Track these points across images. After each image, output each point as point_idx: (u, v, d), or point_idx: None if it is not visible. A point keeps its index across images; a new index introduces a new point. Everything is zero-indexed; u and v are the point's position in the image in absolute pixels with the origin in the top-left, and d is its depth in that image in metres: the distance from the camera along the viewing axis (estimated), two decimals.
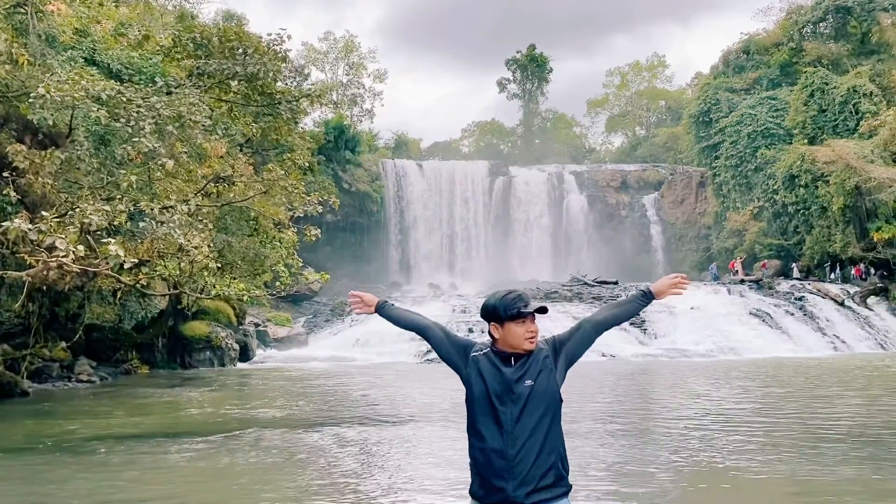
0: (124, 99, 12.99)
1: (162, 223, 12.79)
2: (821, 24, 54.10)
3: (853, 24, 51.61)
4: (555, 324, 28.17)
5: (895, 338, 33.58)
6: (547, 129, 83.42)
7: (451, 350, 3.43)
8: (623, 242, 57.22)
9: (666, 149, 68.47)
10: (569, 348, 3.36)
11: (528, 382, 3.20)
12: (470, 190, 58.34)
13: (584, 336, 3.41)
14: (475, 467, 3.26)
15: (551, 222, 58.66)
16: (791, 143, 46.35)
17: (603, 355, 28.47)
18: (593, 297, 37.58)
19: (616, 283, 42.54)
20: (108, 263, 13.35)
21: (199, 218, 14.96)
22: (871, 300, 37.94)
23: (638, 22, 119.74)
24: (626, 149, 78.69)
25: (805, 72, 47.33)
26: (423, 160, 66.60)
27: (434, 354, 3.80)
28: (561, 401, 3.29)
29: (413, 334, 3.69)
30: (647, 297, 3.52)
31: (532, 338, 3.26)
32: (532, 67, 77.12)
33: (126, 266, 12.65)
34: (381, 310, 3.69)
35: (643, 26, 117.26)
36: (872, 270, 41.10)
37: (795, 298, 36.74)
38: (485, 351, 3.32)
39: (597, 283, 42.63)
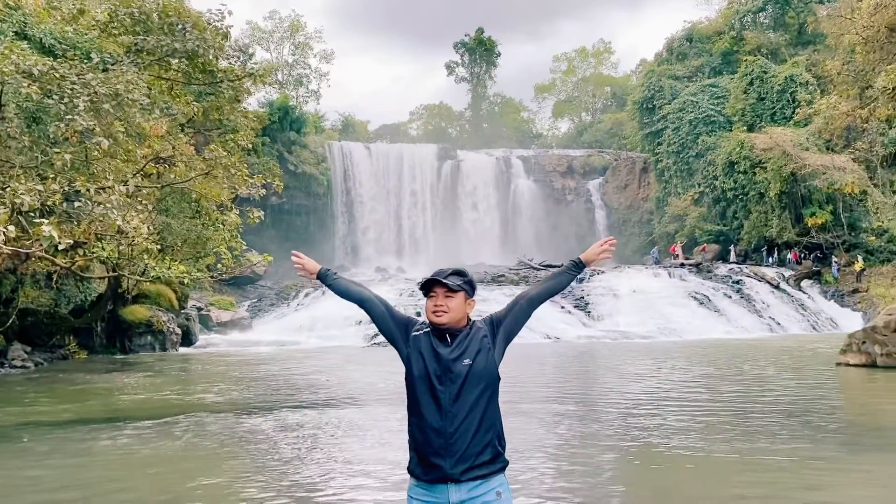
0: (58, 75, 12.54)
1: (98, 203, 12.42)
2: (760, 14, 55.51)
3: (791, 15, 53.06)
4: (502, 307, 28.47)
5: (826, 319, 34.91)
6: (495, 113, 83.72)
7: (392, 326, 3.42)
8: (569, 227, 58.01)
9: (611, 135, 69.48)
10: (506, 325, 3.40)
11: (467, 362, 3.22)
12: (418, 173, 58.22)
13: (520, 312, 3.44)
14: (414, 445, 3.28)
15: (499, 206, 59.03)
16: (731, 131, 47.54)
17: (548, 337, 28.88)
18: (539, 281, 38.04)
19: (561, 266, 43.10)
20: (41, 245, 12.93)
21: (139, 199, 14.58)
22: (805, 283, 39.33)
23: (588, 8, 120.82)
24: (573, 134, 79.56)
25: (745, 60, 48.50)
26: (371, 143, 66.12)
27: (381, 338, 3.73)
28: (499, 378, 3.32)
29: (361, 318, 3.66)
30: (579, 266, 3.58)
31: (437, 311, 3.27)
32: (480, 51, 77.14)
33: (61, 248, 12.27)
34: (324, 278, 3.61)
35: (593, 12, 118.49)
36: (807, 254, 42.58)
37: (733, 282, 37.82)
38: (425, 330, 3.33)
39: (543, 266, 43.13)
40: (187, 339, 27.64)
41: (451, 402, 3.18)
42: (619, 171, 60.41)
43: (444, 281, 3.28)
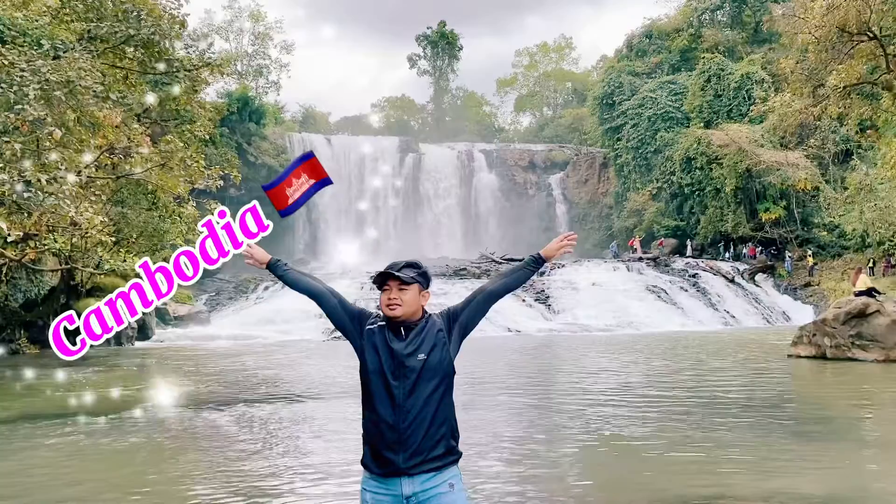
0: (6, 62, 12.20)
1: (50, 194, 12.11)
2: (718, 12, 56.49)
3: (747, 14, 54.08)
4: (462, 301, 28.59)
5: (779, 313, 35.73)
6: (457, 106, 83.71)
7: (345, 319, 3.37)
8: (530, 221, 58.34)
9: (571, 130, 69.97)
10: (462, 320, 3.38)
11: (421, 357, 3.19)
12: (380, 166, 57.95)
13: (476, 307, 3.43)
14: (367, 438, 3.25)
15: (461, 200, 59.11)
16: (688, 127, 48.28)
17: (509, 330, 29.07)
18: (498, 275, 38.18)
19: (522, 260, 43.37)
20: None
21: (93, 190, 14.27)
22: (759, 277, 40.18)
23: (552, 2, 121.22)
24: (534, 129, 79.97)
25: (703, 58, 49.27)
26: (332, 135, 65.59)
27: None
28: (454, 373, 3.30)
29: (320, 313, 3.55)
30: (538, 261, 3.59)
31: (391, 305, 3.25)
32: (442, 44, 77.02)
33: (10, 240, 11.95)
34: (274, 268, 3.52)
35: (557, 7, 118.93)
36: (763, 249, 43.50)
37: (689, 275, 38.45)
38: (379, 323, 3.30)
39: (505, 260, 43.32)
40: (143, 333, 27.17)
41: (405, 398, 3.16)
42: (579, 165, 60.94)
43: (398, 274, 3.25)
